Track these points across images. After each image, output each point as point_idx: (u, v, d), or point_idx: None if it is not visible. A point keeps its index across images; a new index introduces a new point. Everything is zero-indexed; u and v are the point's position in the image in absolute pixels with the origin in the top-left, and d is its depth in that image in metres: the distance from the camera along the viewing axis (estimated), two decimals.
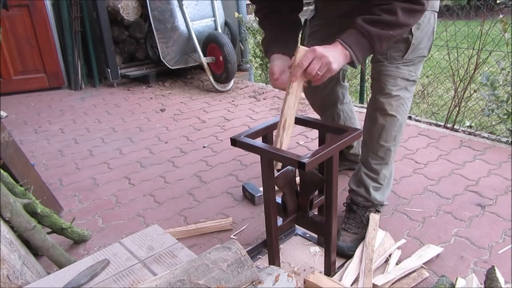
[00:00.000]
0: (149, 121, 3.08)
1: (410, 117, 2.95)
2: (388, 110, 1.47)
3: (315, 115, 2.94)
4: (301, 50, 1.17)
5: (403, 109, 1.50)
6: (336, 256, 1.37)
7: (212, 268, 0.98)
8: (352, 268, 1.36)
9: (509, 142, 2.41)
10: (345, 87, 1.82)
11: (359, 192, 1.58)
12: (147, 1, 3.64)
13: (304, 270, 1.42)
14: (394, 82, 1.45)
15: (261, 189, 1.34)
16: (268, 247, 1.33)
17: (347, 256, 1.44)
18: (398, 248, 1.46)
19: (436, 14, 1.44)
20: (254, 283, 1.02)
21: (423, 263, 1.39)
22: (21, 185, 1.49)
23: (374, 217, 1.53)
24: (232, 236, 1.63)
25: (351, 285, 1.30)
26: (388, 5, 1.17)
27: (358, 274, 1.34)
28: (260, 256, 1.49)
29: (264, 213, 1.26)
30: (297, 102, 1.19)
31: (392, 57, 1.43)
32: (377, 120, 1.50)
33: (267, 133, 1.31)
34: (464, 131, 2.65)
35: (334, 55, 1.16)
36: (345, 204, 1.63)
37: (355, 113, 1.91)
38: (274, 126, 1.32)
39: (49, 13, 3.82)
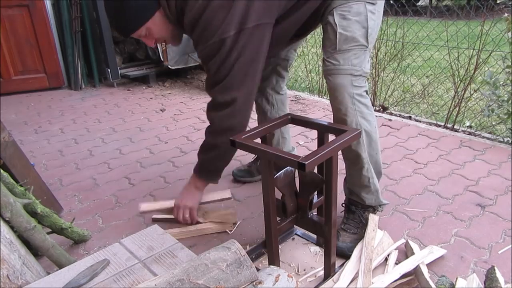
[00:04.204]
0: (149, 121, 3.08)
1: (410, 117, 2.95)
2: (336, 113, 1.41)
3: (315, 115, 2.91)
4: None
5: (356, 108, 1.38)
6: (335, 256, 1.37)
7: (212, 268, 0.98)
8: (349, 268, 1.35)
9: (509, 142, 2.41)
10: (283, 77, 1.84)
11: (353, 198, 1.58)
12: None
13: (304, 270, 1.42)
14: (336, 78, 1.38)
15: None
16: (268, 247, 1.33)
17: (347, 256, 1.43)
18: (396, 248, 1.46)
19: (367, 5, 1.36)
20: (254, 283, 1.02)
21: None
22: (21, 185, 1.49)
23: (373, 218, 1.52)
24: (231, 234, 1.64)
25: (349, 285, 1.30)
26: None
27: (356, 274, 1.34)
28: (260, 256, 1.49)
29: (264, 213, 1.26)
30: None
31: (327, 50, 1.40)
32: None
33: (266, 133, 1.31)
34: (464, 131, 2.65)
35: (186, 196, 1.62)
36: (343, 205, 1.63)
37: (287, 108, 1.95)
38: (274, 126, 1.32)
39: (49, 13, 3.82)
